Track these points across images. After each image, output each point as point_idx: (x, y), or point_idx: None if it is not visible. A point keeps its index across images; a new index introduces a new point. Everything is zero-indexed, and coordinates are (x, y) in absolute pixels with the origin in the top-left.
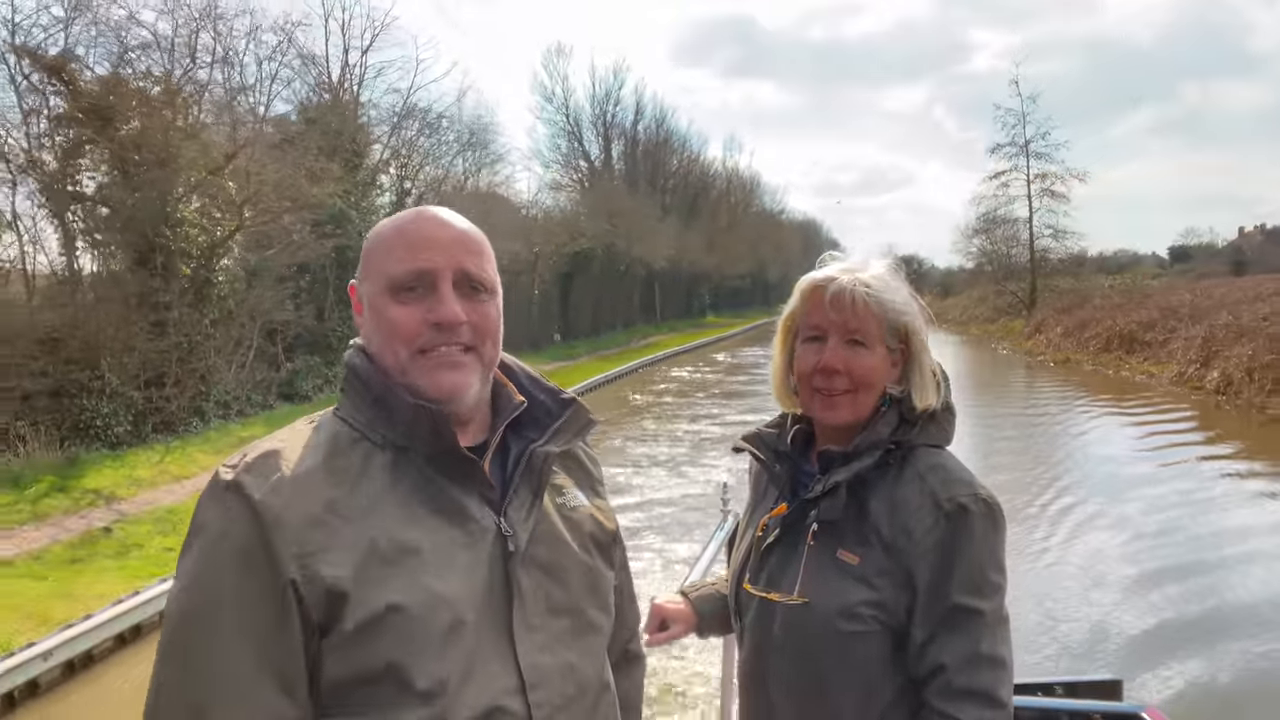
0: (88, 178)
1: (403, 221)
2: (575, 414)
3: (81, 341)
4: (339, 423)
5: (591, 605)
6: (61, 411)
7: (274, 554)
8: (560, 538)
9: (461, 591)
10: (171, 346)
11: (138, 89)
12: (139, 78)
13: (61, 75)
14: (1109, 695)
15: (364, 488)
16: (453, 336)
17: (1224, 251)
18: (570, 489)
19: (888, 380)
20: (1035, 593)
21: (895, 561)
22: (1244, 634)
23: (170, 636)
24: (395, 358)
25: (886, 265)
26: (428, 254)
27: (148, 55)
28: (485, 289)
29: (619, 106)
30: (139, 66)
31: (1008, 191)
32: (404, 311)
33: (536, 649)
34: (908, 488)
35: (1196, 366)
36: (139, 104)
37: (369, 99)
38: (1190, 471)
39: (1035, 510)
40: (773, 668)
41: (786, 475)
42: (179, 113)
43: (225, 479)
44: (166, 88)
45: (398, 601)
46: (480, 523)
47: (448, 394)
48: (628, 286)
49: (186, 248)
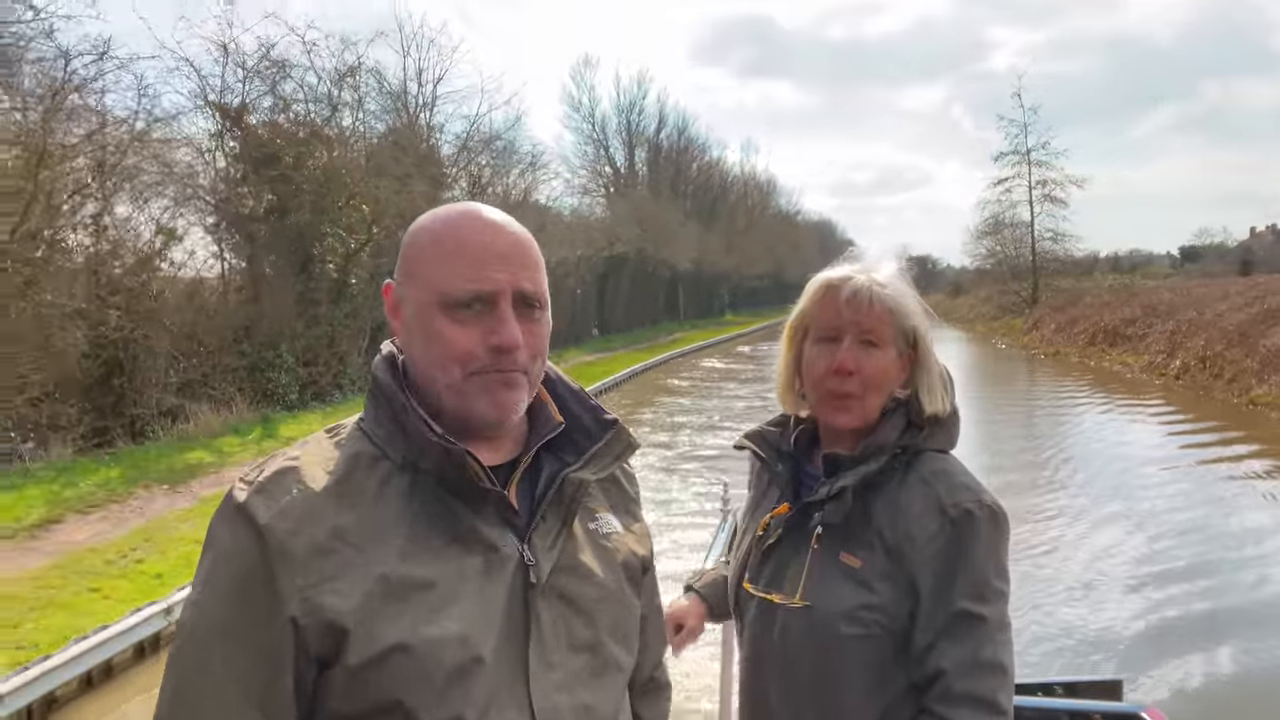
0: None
1: (456, 225)
2: (616, 437)
3: (266, 329)
4: (361, 437)
5: (614, 641)
6: (255, 382)
7: (276, 586)
8: (587, 568)
9: (477, 627)
10: (321, 334)
11: (294, 132)
12: (295, 125)
13: (240, 123)
14: (1109, 695)
15: (378, 512)
16: (510, 361)
17: (1234, 251)
18: (603, 513)
19: (896, 384)
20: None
21: (898, 565)
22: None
23: (174, 653)
24: (447, 376)
25: (897, 268)
26: (489, 271)
27: (305, 105)
28: (540, 304)
29: (642, 115)
30: (297, 113)
31: (1010, 197)
32: (461, 333)
33: (553, 688)
34: (913, 492)
35: (1163, 356)
36: (296, 144)
37: (442, 125)
38: (1133, 424)
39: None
40: (772, 669)
41: (788, 475)
42: (328, 149)
43: (237, 499)
44: (314, 131)
45: (403, 641)
46: (501, 551)
47: (504, 412)
48: (655, 287)
49: (331, 257)
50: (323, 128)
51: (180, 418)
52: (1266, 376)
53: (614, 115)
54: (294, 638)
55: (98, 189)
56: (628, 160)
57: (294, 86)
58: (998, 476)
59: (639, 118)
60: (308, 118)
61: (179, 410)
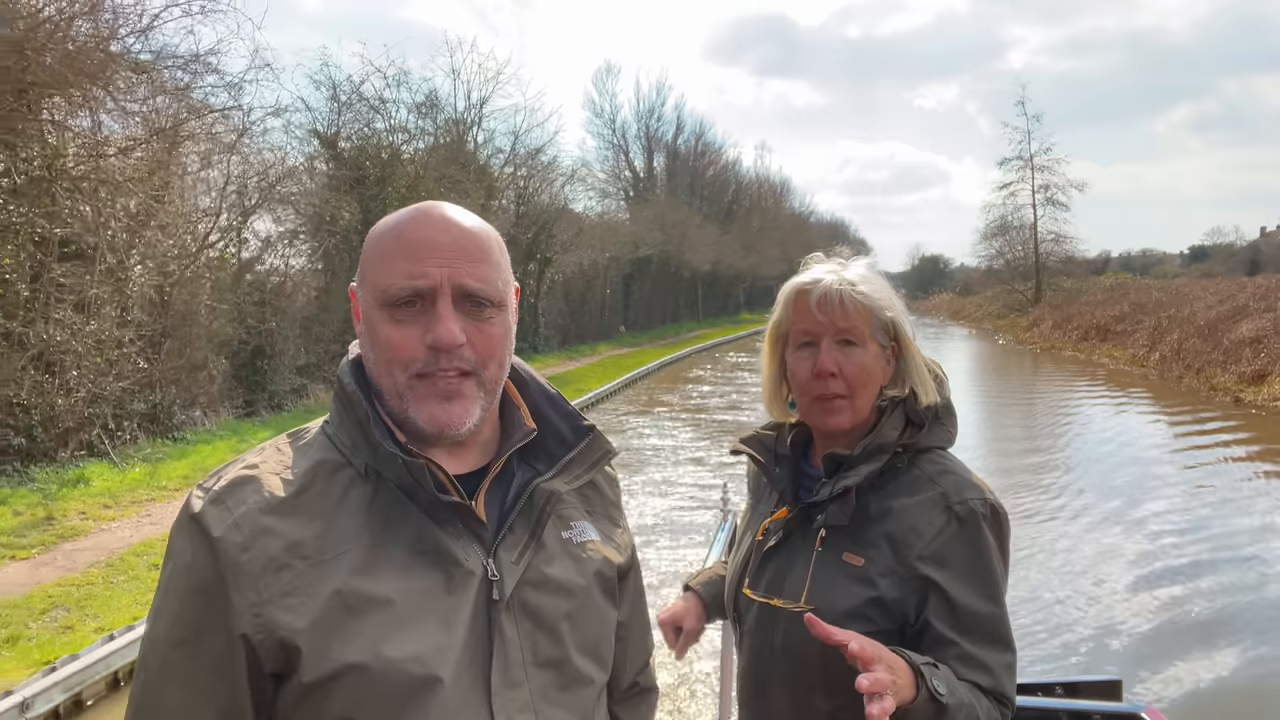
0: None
1: (402, 222)
2: (591, 445)
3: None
4: (325, 444)
5: (582, 655)
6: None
7: (228, 601)
8: (556, 581)
9: (436, 645)
10: None
11: (378, 154)
12: (377, 148)
13: (334, 147)
14: (1109, 695)
15: (338, 525)
16: (451, 360)
17: (1242, 251)
18: (579, 521)
19: (882, 380)
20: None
21: (904, 563)
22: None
23: (139, 659)
24: (392, 381)
25: (865, 263)
26: (424, 266)
27: (388, 133)
28: (490, 303)
29: (661, 122)
30: (380, 138)
31: (1015, 200)
32: (399, 332)
33: (516, 708)
34: (918, 490)
35: (1145, 350)
36: (380, 165)
37: (487, 141)
38: (1111, 407)
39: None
40: (775, 673)
41: (786, 478)
42: (404, 168)
43: (192, 509)
44: (394, 153)
45: (358, 660)
46: (465, 565)
47: (441, 428)
48: (676, 287)
49: None
50: (400, 150)
51: (304, 394)
52: (1228, 366)
53: (634, 121)
54: (246, 654)
55: (249, 208)
56: (646, 165)
57: (373, 114)
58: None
59: (658, 124)
60: (389, 142)
61: (303, 388)
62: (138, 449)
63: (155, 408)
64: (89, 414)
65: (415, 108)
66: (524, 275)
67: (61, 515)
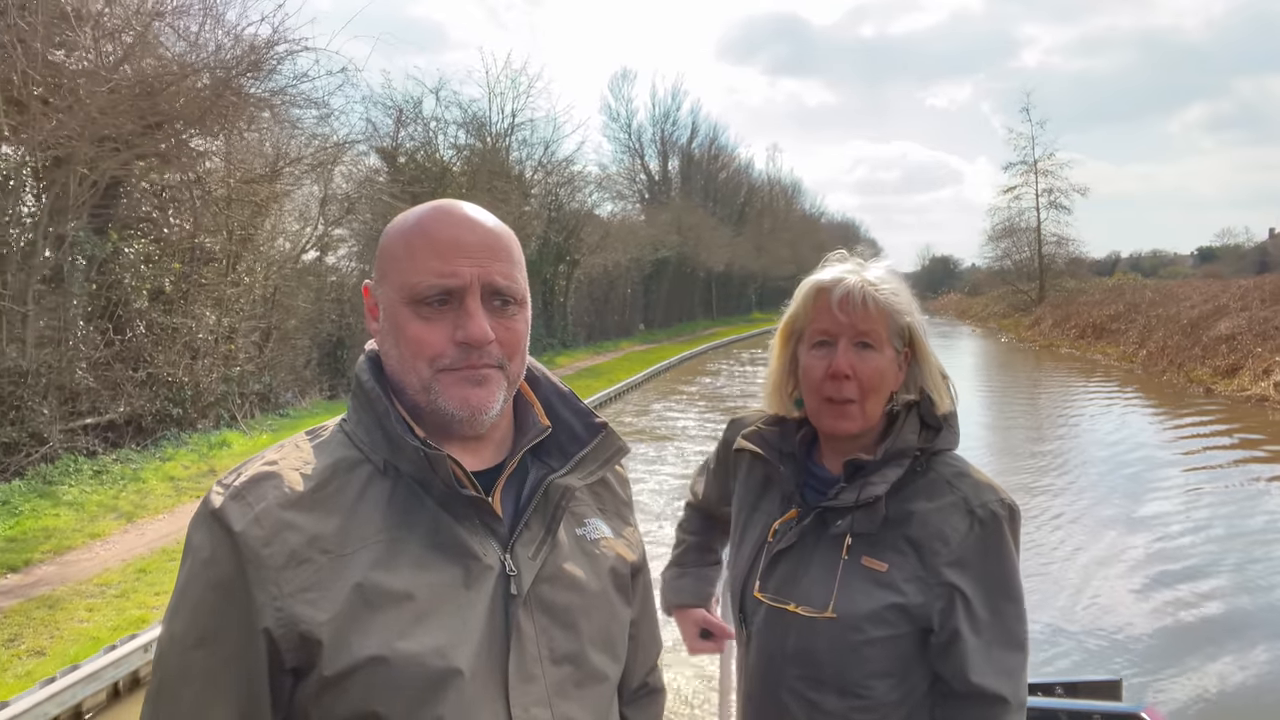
0: None
1: (425, 220)
2: (604, 442)
3: None
4: (343, 440)
5: (598, 651)
6: None
7: (250, 596)
8: (571, 577)
9: (455, 639)
10: None
11: (431, 168)
12: (431, 162)
13: (394, 161)
14: (1109, 695)
15: (357, 519)
16: (480, 357)
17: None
18: (592, 518)
19: (894, 385)
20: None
21: (930, 569)
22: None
23: (157, 657)
24: (418, 376)
25: (885, 266)
26: (454, 265)
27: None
28: (514, 301)
29: (676, 126)
30: (434, 152)
31: (1019, 204)
32: (427, 329)
33: (532, 701)
34: (937, 495)
35: (1135, 346)
36: (433, 178)
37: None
38: (1095, 400)
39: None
40: (787, 675)
41: (793, 477)
42: (455, 179)
43: (213, 505)
44: (445, 167)
45: (378, 653)
46: (483, 560)
47: (473, 410)
48: (691, 287)
49: None
50: (451, 165)
51: None
52: (1205, 361)
53: (649, 126)
54: (268, 648)
55: (332, 219)
56: (661, 168)
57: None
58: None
59: (673, 128)
60: (440, 157)
61: None
62: (259, 421)
63: (267, 388)
64: (222, 392)
65: (463, 124)
66: (554, 276)
67: (221, 468)
